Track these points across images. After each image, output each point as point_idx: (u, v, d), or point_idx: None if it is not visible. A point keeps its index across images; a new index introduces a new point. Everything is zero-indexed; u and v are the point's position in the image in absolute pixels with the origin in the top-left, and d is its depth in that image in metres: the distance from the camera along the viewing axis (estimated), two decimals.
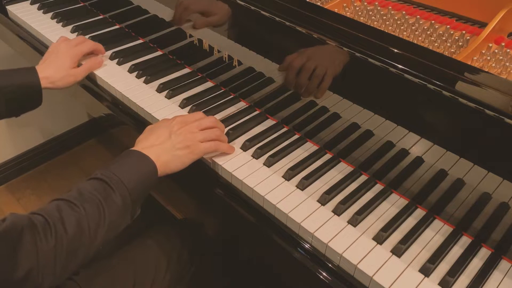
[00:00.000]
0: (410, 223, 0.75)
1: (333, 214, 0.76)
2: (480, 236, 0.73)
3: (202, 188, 0.90)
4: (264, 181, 0.81)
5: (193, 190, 0.94)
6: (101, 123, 1.89)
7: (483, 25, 0.86)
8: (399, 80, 0.73)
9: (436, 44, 0.83)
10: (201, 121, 0.84)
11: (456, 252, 0.71)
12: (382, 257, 0.69)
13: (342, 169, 0.85)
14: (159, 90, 1.02)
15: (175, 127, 0.81)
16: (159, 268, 0.90)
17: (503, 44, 0.79)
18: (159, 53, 1.17)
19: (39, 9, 1.33)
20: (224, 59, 1.03)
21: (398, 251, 0.70)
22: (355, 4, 0.96)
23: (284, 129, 0.93)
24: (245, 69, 1.00)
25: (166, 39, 1.17)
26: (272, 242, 0.76)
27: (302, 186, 0.80)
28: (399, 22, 0.88)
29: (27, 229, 0.61)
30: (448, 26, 0.86)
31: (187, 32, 1.09)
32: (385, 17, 0.90)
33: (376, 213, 0.77)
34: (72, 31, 1.24)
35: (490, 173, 0.69)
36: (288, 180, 0.81)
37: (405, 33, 0.87)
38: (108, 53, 1.14)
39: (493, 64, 0.77)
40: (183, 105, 0.98)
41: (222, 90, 1.04)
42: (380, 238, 0.71)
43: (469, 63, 0.76)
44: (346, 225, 0.74)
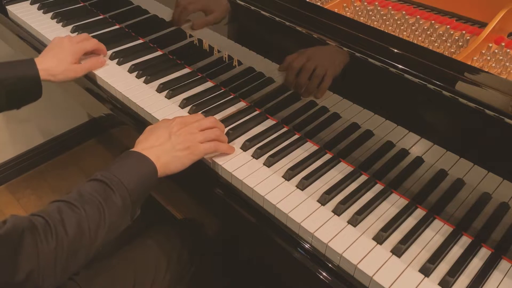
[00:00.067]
0: (410, 223, 0.75)
1: (333, 214, 0.76)
2: (480, 236, 0.73)
3: (202, 188, 0.90)
4: (264, 181, 0.81)
5: (193, 190, 0.94)
6: (101, 123, 1.89)
7: (483, 25, 0.86)
8: (399, 80, 0.73)
9: (436, 44, 0.83)
10: (201, 122, 0.84)
11: (456, 252, 0.71)
12: (382, 257, 0.69)
13: (342, 169, 0.85)
14: (159, 90, 1.02)
15: (175, 128, 0.81)
16: (159, 268, 0.90)
17: (503, 44, 0.79)
18: (159, 53, 1.17)
19: (39, 9, 1.33)
20: (224, 59, 1.03)
21: (398, 251, 0.70)
22: (355, 4, 0.96)
23: (284, 129, 0.93)
24: (245, 69, 1.00)
25: (166, 39, 1.17)
26: (272, 242, 0.76)
27: (302, 186, 0.80)
28: (399, 22, 0.88)
29: (28, 231, 0.61)
30: (448, 26, 0.86)
31: (187, 32, 1.09)
32: (385, 17, 0.90)
33: (376, 213, 0.77)
34: (72, 31, 1.24)
35: (490, 173, 0.70)
36: (288, 180, 0.81)
37: (405, 33, 0.87)
38: (108, 53, 1.14)
39: (493, 64, 0.77)
40: (183, 105, 0.98)
41: (222, 90, 1.04)
42: (380, 238, 0.71)
43: (469, 63, 0.76)
44: (346, 225, 0.74)
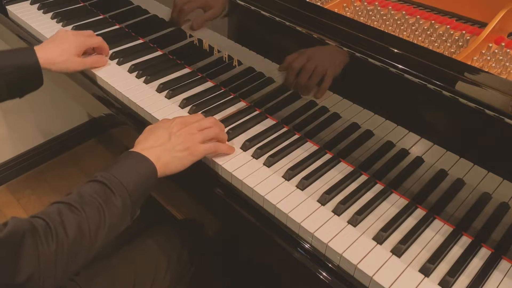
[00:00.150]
0: (410, 223, 0.75)
1: (333, 214, 0.76)
2: (480, 236, 0.73)
3: (202, 188, 0.90)
4: (264, 181, 0.81)
5: (193, 190, 0.94)
6: (101, 123, 1.89)
7: (483, 25, 0.86)
8: (399, 80, 0.73)
9: (436, 44, 0.83)
10: (201, 122, 0.84)
11: (456, 252, 0.71)
12: (382, 257, 0.69)
13: (342, 169, 0.85)
14: (159, 90, 1.02)
15: (175, 128, 0.81)
16: (159, 268, 0.90)
17: (503, 44, 0.79)
18: (159, 53, 1.17)
19: (39, 9, 1.33)
20: (224, 59, 1.03)
21: (398, 251, 0.70)
22: (355, 4, 0.96)
23: (284, 129, 0.93)
24: (245, 69, 1.00)
25: (166, 39, 1.17)
26: (272, 242, 0.76)
27: (302, 186, 0.80)
28: (399, 22, 0.88)
29: (29, 234, 0.61)
30: (448, 26, 0.86)
31: (187, 32, 1.09)
32: (385, 17, 0.90)
33: (376, 213, 0.77)
34: None
35: (490, 173, 0.70)
36: (288, 180, 0.81)
37: (405, 33, 0.87)
38: (108, 53, 1.14)
39: (493, 64, 0.77)
40: (183, 105, 0.98)
41: (222, 90, 1.04)
42: (380, 238, 0.71)
43: (469, 63, 0.76)
44: (346, 225, 0.74)
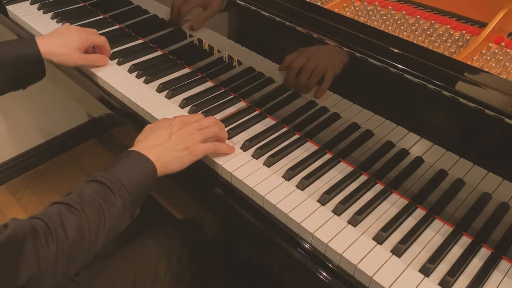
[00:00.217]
0: (410, 223, 0.75)
1: (333, 214, 0.76)
2: (480, 236, 0.73)
3: (202, 188, 0.90)
4: (264, 181, 0.80)
5: (193, 190, 0.94)
6: (101, 123, 1.89)
7: (483, 25, 0.86)
8: (399, 80, 0.73)
9: (436, 44, 0.83)
10: (201, 122, 0.84)
11: (456, 252, 0.71)
12: (382, 257, 0.69)
13: (342, 169, 0.85)
14: (159, 90, 1.02)
15: (175, 128, 0.81)
16: (159, 268, 0.90)
17: (503, 44, 0.79)
18: (159, 53, 1.17)
19: (39, 9, 1.33)
20: (224, 59, 1.03)
21: (398, 251, 0.70)
22: (355, 4, 0.96)
23: (284, 129, 0.93)
24: (245, 69, 1.00)
25: (166, 39, 1.17)
26: (272, 242, 0.76)
27: (302, 186, 0.80)
28: (399, 22, 0.88)
29: (29, 236, 0.61)
30: (448, 26, 0.86)
31: (187, 32, 1.09)
32: (385, 17, 0.90)
33: (376, 213, 0.77)
34: None
35: (490, 173, 0.70)
36: (288, 180, 0.81)
37: (405, 33, 0.87)
38: (109, 54, 1.14)
39: (493, 64, 0.77)
40: (183, 105, 0.98)
41: (222, 90, 1.04)
42: (380, 238, 0.71)
43: (469, 63, 0.76)
44: (346, 225, 0.74)
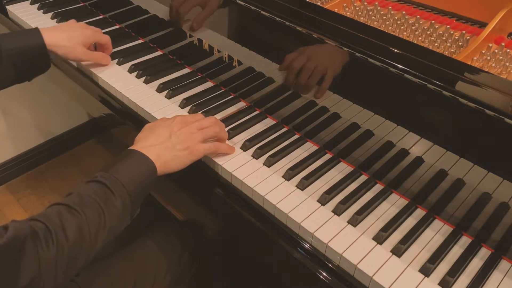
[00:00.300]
0: (410, 223, 0.75)
1: (333, 214, 0.76)
2: (480, 236, 0.73)
3: (202, 188, 0.90)
4: (264, 181, 0.80)
5: (193, 190, 0.94)
6: (101, 123, 1.89)
7: (483, 25, 0.86)
8: (399, 80, 0.73)
9: (436, 44, 0.83)
10: (201, 122, 0.84)
11: (456, 252, 0.71)
12: (382, 257, 0.69)
13: (342, 169, 0.85)
14: (159, 90, 1.02)
15: (175, 127, 0.81)
16: (160, 269, 0.90)
17: (503, 44, 0.79)
18: (159, 53, 1.17)
19: (39, 9, 1.33)
20: (224, 59, 1.03)
21: (398, 251, 0.70)
22: (355, 4, 0.96)
23: (284, 129, 0.93)
24: (245, 69, 1.00)
25: (166, 39, 1.17)
26: (272, 242, 0.76)
27: (302, 186, 0.80)
28: (399, 22, 0.88)
29: (29, 239, 0.61)
30: (448, 26, 0.86)
31: (187, 32, 1.09)
32: (385, 17, 0.90)
33: (376, 213, 0.77)
34: None
35: (490, 173, 0.70)
36: (288, 180, 0.81)
37: (405, 33, 0.87)
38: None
39: (493, 64, 0.77)
40: (183, 105, 0.98)
41: (222, 90, 1.04)
42: (380, 238, 0.71)
43: (469, 63, 0.76)
44: (346, 225, 0.74)
